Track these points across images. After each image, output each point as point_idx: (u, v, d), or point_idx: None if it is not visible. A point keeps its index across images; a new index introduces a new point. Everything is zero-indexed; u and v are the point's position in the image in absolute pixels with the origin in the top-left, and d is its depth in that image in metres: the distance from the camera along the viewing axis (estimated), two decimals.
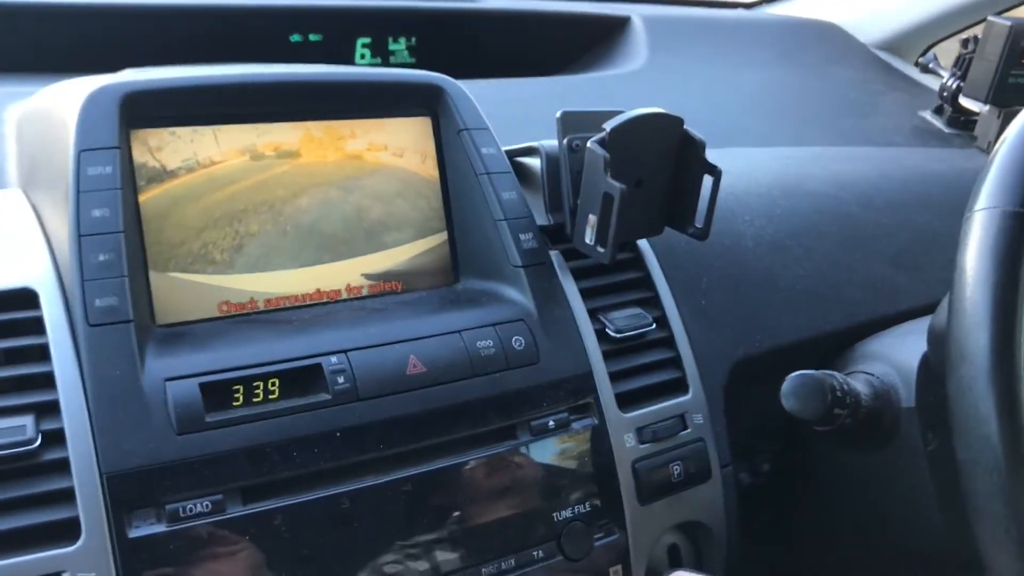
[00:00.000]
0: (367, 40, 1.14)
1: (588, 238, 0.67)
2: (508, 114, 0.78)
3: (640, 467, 0.67)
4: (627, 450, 0.67)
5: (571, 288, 0.70)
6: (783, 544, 0.89)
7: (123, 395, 0.52)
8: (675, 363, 0.73)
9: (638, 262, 0.75)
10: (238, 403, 0.55)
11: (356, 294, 0.65)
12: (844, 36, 1.40)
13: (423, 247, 0.68)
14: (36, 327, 0.54)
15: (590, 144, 0.64)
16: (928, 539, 0.73)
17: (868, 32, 1.40)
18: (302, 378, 0.57)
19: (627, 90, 1.15)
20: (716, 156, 0.70)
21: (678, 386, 0.72)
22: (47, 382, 0.53)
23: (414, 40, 1.17)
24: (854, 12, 1.42)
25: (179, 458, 0.52)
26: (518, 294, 0.66)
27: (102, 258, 0.54)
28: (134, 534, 0.51)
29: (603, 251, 0.66)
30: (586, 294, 0.70)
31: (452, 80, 0.70)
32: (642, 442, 0.68)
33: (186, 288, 0.60)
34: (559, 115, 0.69)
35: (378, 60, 1.16)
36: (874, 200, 0.94)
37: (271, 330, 0.60)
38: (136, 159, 0.59)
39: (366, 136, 0.67)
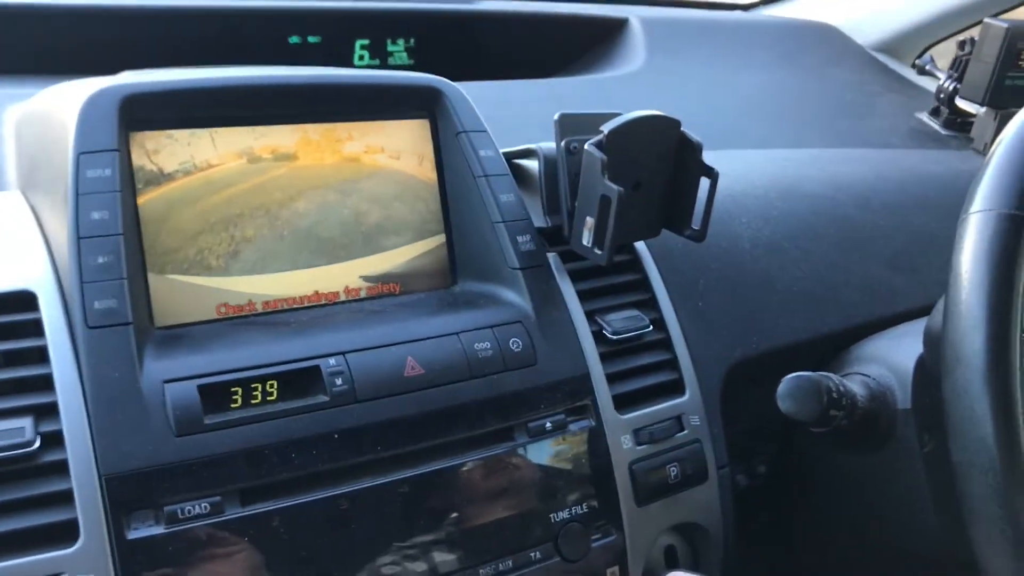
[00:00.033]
0: (365, 42, 1.15)
1: (585, 240, 0.67)
2: (506, 116, 0.78)
3: (637, 468, 0.67)
4: (624, 451, 0.67)
5: (568, 290, 0.70)
6: (780, 545, 0.89)
7: (122, 397, 0.53)
8: (672, 365, 0.73)
9: (635, 264, 0.75)
10: (236, 405, 0.55)
11: (354, 296, 0.66)
12: (841, 38, 1.40)
13: (421, 249, 0.69)
14: (35, 329, 0.54)
15: (588, 146, 0.65)
16: (924, 540, 0.73)
17: (865, 34, 1.40)
18: (300, 380, 0.57)
19: (625, 92, 1.15)
20: (713, 158, 0.70)
21: (675, 388, 0.72)
22: (46, 384, 0.53)
23: (412, 42, 1.17)
24: (851, 14, 1.42)
25: (178, 460, 0.53)
26: (516, 296, 0.67)
27: (101, 260, 0.55)
28: (133, 536, 0.51)
29: (600, 253, 0.66)
30: (583, 296, 0.70)
31: (450, 82, 0.70)
32: (639, 443, 0.68)
33: (185, 290, 0.60)
34: (557, 117, 0.69)
35: (376, 62, 1.16)
36: (871, 202, 0.94)
37: (269, 332, 0.60)
38: (135, 162, 0.59)
39: (363, 139, 0.67)
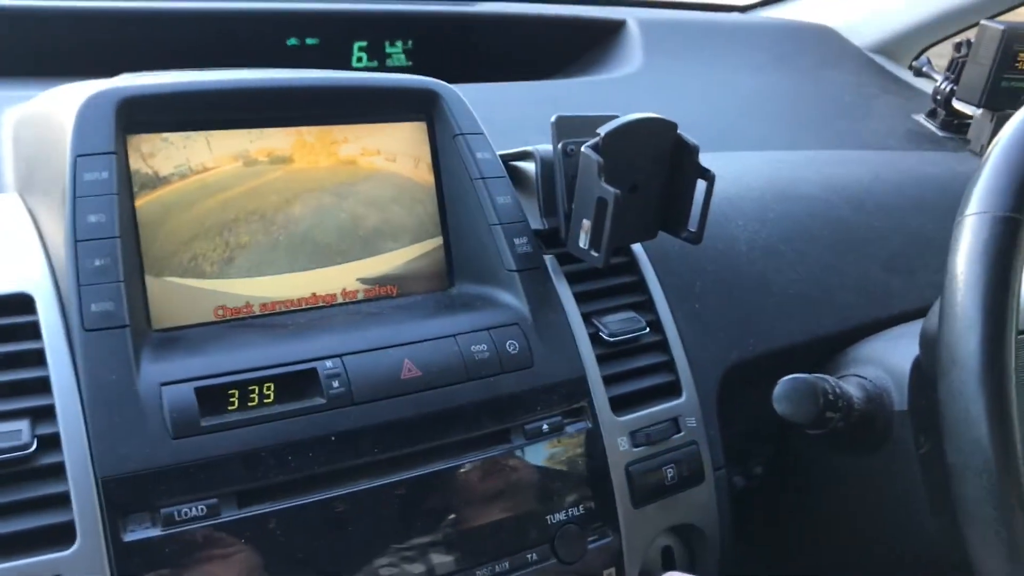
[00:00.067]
0: (364, 44, 1.15)
1: (582, 242, 0.67)
2: (504, 118, 0.78)
3: (633, 470, 0.67)
4: (620, 453, 0.67)
5: (565, 292, 0.70)
6: (776, 547, 0.89)
7: (119, 400, 0.53)
8: (668, 367, 0.73)
9: (632, 266, 0.75)
10: (233, 407, 0.55)
11: (352, 298, 0.66)
12: (838, 39, 1.40)
13: (418, 251, 0.69)
14: (32, 332, 0.54)
15: (584, 149, 0.65)
16: (920, 542, 0.73)
17: (862, 35, 1.40)
18: (297, 382, 0.57)
19: (623, 94, 1.15)
20: (710, 160, 0.70)
21: (671, 390, 0.72)
22: (43, 387, 0.53)
23: (411, 43, 1.17)
24: (848, 15, 1.42)
25: (174, 462, 0.53)
26: (512, 298, 0.67)
27: (98, 263, 0.55)
28: (129, 538, 0.51)
29: (597, 255, 0.66)
30: (580, 298, 0.71)
31: (447, 85, 0.70)
32: (635, 445, 0.68)
33: (182, 293, 0.60)
34: (554, 120, 0.69)
35: (375, 63, 1.16)
36: (867, 203, 0.94)
37: (267, 334, 0.60)
38: (132, 164, 0.59)
39: (359, 141, 0.67)
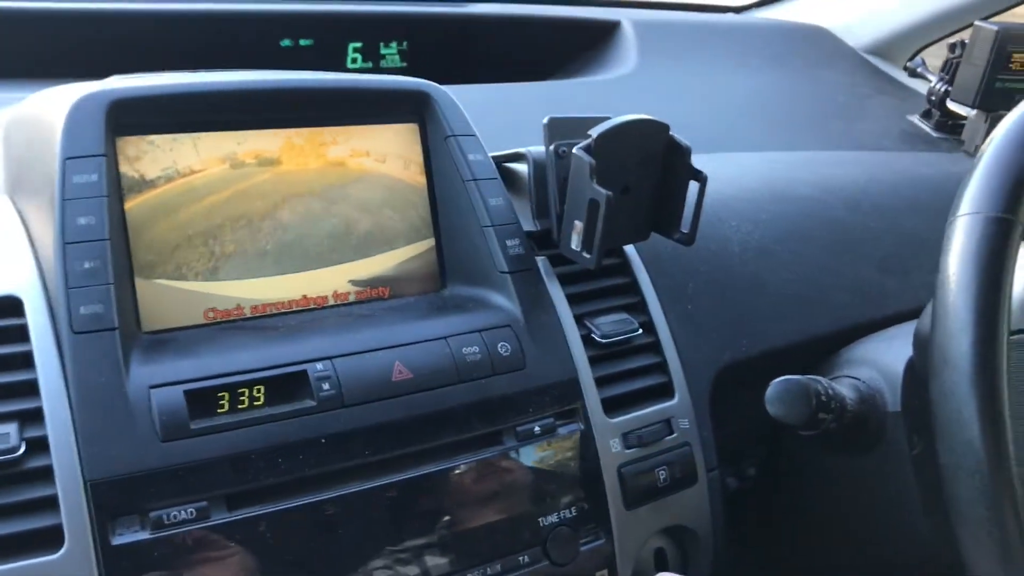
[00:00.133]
0: (358, 44, 1.15)
1: (574, 244, 0.67)
2: (498, 119, 0.78)
3: (626, 472, 0.67)
4: (613, 455, 0.67)
5: (557, 294, 0.70)
6: (769, 548, 0.89)
7: (107, 402, 0.52)
8: (661, 368, 0.73)
9: (624, 268, 0.75)
10: (223, 410, 0.55)
11: (343, 300, 0.65)
12: (833, 40, 1.40)
13: (410, 253, 0.68)
14: (20, 335, 0.54)
15: (576, 150, 0.65)
16: (913, 542, 0.73)
17: (857, 36, 1.40)
18: (287, 385, 0.57)
19: (617, 95, 1.15)
20: (703, 161, 0.70)
21: (664, 391, 0.72)
22: (31, 390, 0.53)
23: (405, 44, 1.17)
24: (843, 16, 1.42)
25: (163, 465, 0.52)
26: (505, 300, 0.67)
27: (87, 265, 0.54)
28: (118, 541, 0.51)
29: (589, 257, 0.66)
30: (572, 300, 0.70)
31: (439, 87, 0.70)
32: (628, 447, 0.68)
33: (172, 295, 0.60)
34: (546, 121, 0.69)
35: (369, 64, 1.16)
36: (862, 204, 0.94)
37: (257, 337, 0.60)
38: (122, 167, 0.59)
39: (348, 143, 0.67)
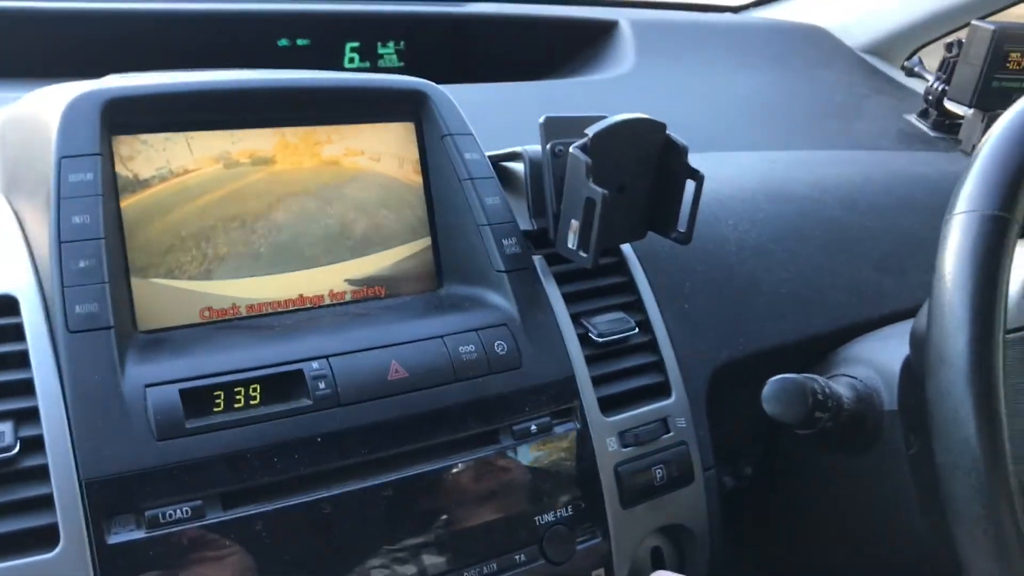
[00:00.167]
0: (355, 44, 1.15)
1: (571, 243, 0.67)
2: (496, 119, 0.78)
3: (623, 471, 0.67)
4: (609, 454, 0.67)
5: (554, 293, 0.70)
6: (766, 547, 0.89)
7: (103, 401, 0.52)
8: (658, 367, 0.73)
9: (621, 267, 0.75)
10: (219, 409, 0.55)
11: (339, 299, 0.65)
12: (830, 40, 1.40)
13: (407, 252, 0.68)
14: (16, 333, 0.54)
15: (572, 149, 0.65)
16: (910, 541, 0.73)
17: (854, 36, 1.40)
18: (283, 384, 0.57)
19: (615, 94, 1.15)
20: (700, 160, 0.70)
21: (661, 390, 0.72)
22: (26, 389, 0.53)
23: (403, 44, 1.17)
24: (840, 16, 1.43)
25: (159, 464, 0.52)
26: (501, 299, 0.67)
27: (83, 264, 0.54)
28: (113, 540, 0.51)
29: (586, 256, 0.66)
30: (569, 299, 0.70)
31: (435, 86, 0.70)
32: (624, 446, 0.68)
33: (168, 294, 0.60)
34: (542, 120, 0.69)
35: (367, 64, 1.16)
36: (859, 204, 0.94)
37: (253, 336, 0.60)
38: (117, 166, 0.59)
39: (343, 142, 0.67)
